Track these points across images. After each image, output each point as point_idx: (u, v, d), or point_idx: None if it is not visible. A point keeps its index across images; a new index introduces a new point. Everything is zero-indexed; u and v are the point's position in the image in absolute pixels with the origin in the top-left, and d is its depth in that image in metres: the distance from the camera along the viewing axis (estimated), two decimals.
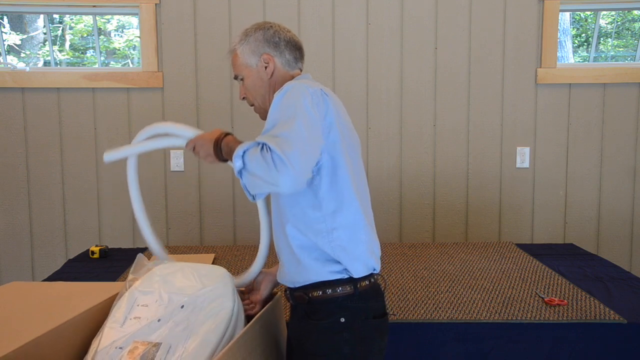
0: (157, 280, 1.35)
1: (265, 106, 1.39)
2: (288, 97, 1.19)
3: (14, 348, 1.03)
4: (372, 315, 1.27)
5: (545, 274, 2.08)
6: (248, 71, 1.38)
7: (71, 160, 2.99)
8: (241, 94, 1.43)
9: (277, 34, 1.38)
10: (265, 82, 1.38)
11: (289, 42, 1.39)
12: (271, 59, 1.37)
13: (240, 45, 1.38)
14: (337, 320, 1.24)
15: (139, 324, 1.22)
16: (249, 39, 1.38)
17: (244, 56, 1.38)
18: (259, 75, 1.38)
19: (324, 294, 1.25)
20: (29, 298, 1.37)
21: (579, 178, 3.05)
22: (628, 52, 3.84)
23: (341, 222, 1.25)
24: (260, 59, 1.37)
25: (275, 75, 1.38)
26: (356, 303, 1.25)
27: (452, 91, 2.99)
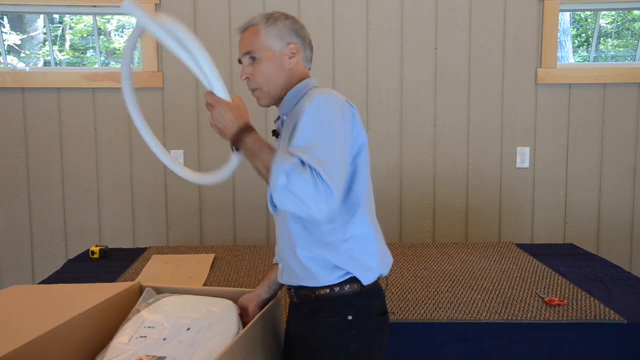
0: (165, 308, 1.36)
1: (274, 94, 1.34)
2: (321, 111, 1.16)
3: (14, 348, 1.03)
4: (375, 313, 1.28)
5: (545, 274, 2.08)
6: (268, 54, 1.31)
7: (71, 160, 2.99)
8: (245, 73, 1.34)
9: (303, 29, 1.38)
10: (285, 71, 1.32)
11: (310, 42, 1.39)
12: (299, 51, 1.33)
13: (266, 26, 1.32)
14: (344, 317, 1.24)
15: (145, 342, 1.23)
16: (277, 23, 1.33)
17: (268, 37, 1.31)
18: (280, 61, 1.32)
19: (331, 292, 1.25)
20: (29, 300, 1.37)
21: (579, 178, 3.05)
22: (628, 52, 3.84)
23: (353, 233, 1.24)
24: (286, 46, 1.32)
25: (295, 68, 1.34)
26: (362, 301, 1.26)
27: (452, 91, 2.99)
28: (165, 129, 2.98)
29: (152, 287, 1.49)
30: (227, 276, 2.09)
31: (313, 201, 1.07)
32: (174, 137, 2.98)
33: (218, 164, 3.07)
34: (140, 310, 1.37)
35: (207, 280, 2.02)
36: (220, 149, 2.99)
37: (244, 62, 1.34)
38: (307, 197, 1.07)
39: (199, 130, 2.98)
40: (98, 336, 1.30)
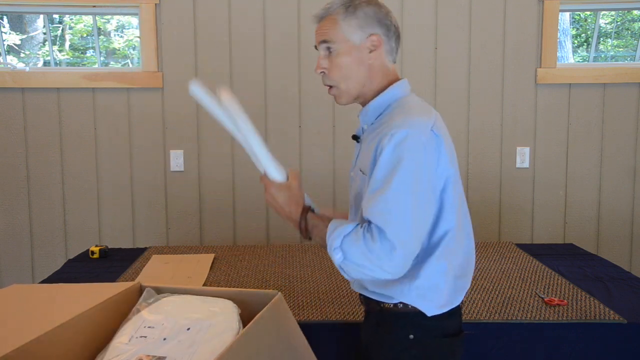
0: (165, 308, 1.36)
1: (353, 92, 1.22)
2: (401, 149, 1.06)
3: (14, 348, 1.03)
4: (443, 334, 1.20)
5: (545, 274, 2.08)
6: (346, 46, 1.18)
7: (71, 160, 2.99)
8: (319, 67, 1.21)
9: (389, 16, 1.21)
10: (366, 66, 1.19)
11: (397, 29, 1.23)
12: (381, 44, 1.19)
13: (344, 14, 1.17)
14: (406, 335, 1.18)
15: (145, 342, 1.23)
16: (357, 11, 1.17)
17: (347, 27, 1.17)
18: (359, 56, 1.18)
19: (395, 307, 1.19)
20: (29, 300, 1.37)
21: (579, 178, 3.05)
22: (628, 52, 3.84)
23: (425, 272, 1.16)
24: (367, 38, 1.18)
25: (377, 62, 1.20)
26: (428, 321, 1.18)
27: (452, 91, 2.99)
28: (165, 129, 2.98)
29: (152, 287, 1.49)
30: (227, 276, 2.09)
31: (375, 264, 1.03)
32: (174, 137, 2.98)
33: (217, 164, 3.06)
34: (141, 310, 1.37)
35: (207, 280, 2.02)
36: (220, 149, 2.98)
37: (320, 52, 1.21)
38: (366, 262, 1.03)
39: (199, 130, 2.98)
40: (98, 336, 1.30)
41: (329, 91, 1.25)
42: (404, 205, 1.04)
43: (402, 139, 1.07)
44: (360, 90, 1.22)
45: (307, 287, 1.93)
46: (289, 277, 2.07)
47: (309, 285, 1.96)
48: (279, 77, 2.95)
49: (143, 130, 2.98)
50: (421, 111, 1.15)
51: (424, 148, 1.08)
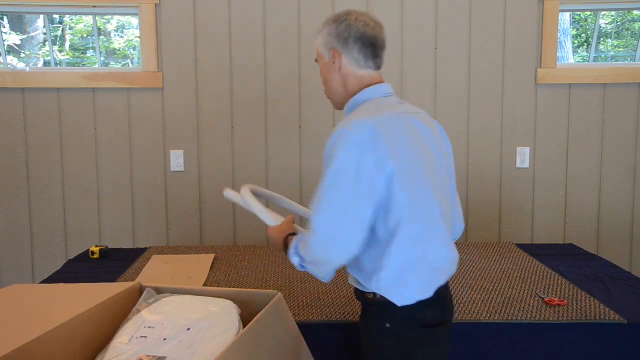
0: (165, 308, 1.36)
1: (333, 97, 1.40)
2: (334, 147, 1.19)
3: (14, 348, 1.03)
4: (421, 324, 1.24)
5: (545, 274, 2.08)
6: (322, 61, 1.39)
7: (71, 160, 2.99)
8: None
9: (348, 29, 1.32)
10: (335, 76, 1.36)
11: (359, 38, 1.32)
12: (338, 56, 1.34)
13: (318, 35, 1.38)
14: (383, 324, 1.25)
15: (145, 342, 1.23)
16: (323, 30, 1.37)
17: (320, 46, 1.38)
18: (329, 68, 1.36)
19: (374, 297, 1.26)
20: (29, 299, 1.37)
21: (579, 178, 3.05)
22: (628, 52, 3.84)
23: (387, 263, 1.20)
24: (329, 53, 1.35)
25: (343, 72, 1.35)
26: (401, 311, 1.23)
27: (452, 91, 2.99)
28: (165, 129, 2.98)
29: (152, 287, 1.49)
30: (227, 276, 2.09)
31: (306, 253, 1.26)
32: (174, 137, 2.98)
33: (217, 164, 3.06)
34: (141, 310, 1.37)
35: (207, 280, 2.02)
36: (220, 149, 2.98)
37: None
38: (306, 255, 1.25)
39: (199, 130, 2.98)
40: (98, 336, 1.30)
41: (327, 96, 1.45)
42: (328, 198, 1.18)
43: (336, 138, 1.20)
44: (341, 98, 1.38)
45: (307, 287, 1.93)
46: (289, 277, 2.07)
47: (309, 285, 1.96)
48: (279, 78, 2.95)
49: (143, 130, 2.98)
50: (370, 112, 1.24)
51: (355, 146, 1.17)
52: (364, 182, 1.17)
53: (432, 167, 1.28)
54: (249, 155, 2.98)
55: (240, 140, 2.97)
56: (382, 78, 1.39)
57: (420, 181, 1.23)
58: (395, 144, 1.20)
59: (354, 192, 1.17)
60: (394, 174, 1.18)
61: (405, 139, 1.24)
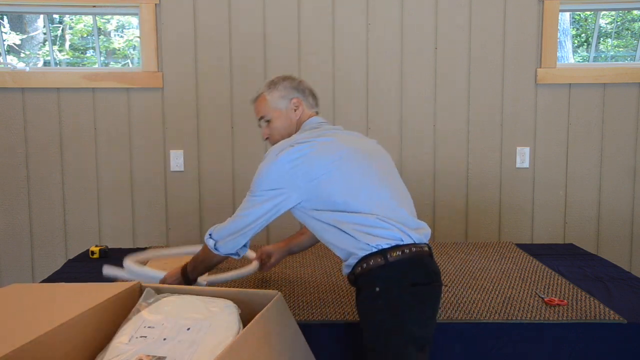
0: (165, 308, 1.36)
1: (281, 139, 1.62)
2: (262, 164, 1.51)
3: (14, 348, 1.03)
4: (408, 283, 1.38)
5: (545, 274, 2.08)
6: (277, 113, 1.64)
7: (71, 160, 2.99)
8: (265, 134, 1.67)
9: (301, 84, 1.68)
10: (293, 121, 1.65)
11: (310, 90, 1.70)
12: (300, 103, 1.65)
13: (269, 92, 1.65)
14: (373, 289, 1.38)
15: (145, 342, 1.23)
16: (277, 86, 1.65)
17: (273, 101, 1.64)
18: (287, 116, 1.64)
19: (362, 269, 1.42)
20: (29, 299, 1.37)
21: (579, 178, 3.05)
22: (628, 52, 3.84)
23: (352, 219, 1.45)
24: (290, 102, 1.64)
25: (303, 116, 1.66)
26: (388, 272, 1.39)
27: (452, 91, 2.99)
28: (165, 129, 2.98)
29: (152, 287, 1.49)
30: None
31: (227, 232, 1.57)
32: (174, 137, 2.98)
33: (217, 164, 3.06)
34: (141, 310, 1.37)
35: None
36: (220, 149, 2.99)
37: (262, 125, 1.68)
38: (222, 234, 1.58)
39: (199, 130, 2.98)
40: (98, 336, 1.30)
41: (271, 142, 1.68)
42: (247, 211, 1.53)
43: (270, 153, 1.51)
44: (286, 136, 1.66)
45: (307, 287, 1.93)
46: (289, 277, 2.07)
47: (309, 285, 1.96)
48: None
49: (143, 130, 2.98)
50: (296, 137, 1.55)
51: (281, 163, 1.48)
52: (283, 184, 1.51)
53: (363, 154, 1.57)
54: (249, 155, 2.98)
55: (240, 140, 2.97)
56: None
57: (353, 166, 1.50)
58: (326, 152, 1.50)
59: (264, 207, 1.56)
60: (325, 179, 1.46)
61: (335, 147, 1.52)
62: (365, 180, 1.50)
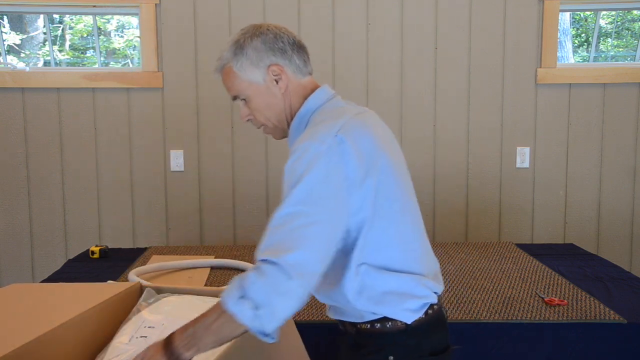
0: (165, 308, 1.36)
1: (283, 125, 1.20)
2: (299, 164, 1.00)
3: (14, 348, 1.03)
4: (428, 352, 1.12)
5: (545, 274, 2.08)
6: (253, 89, 1.16)
7: (71, 160, 2.99)
8: (244, 116, 1.22)
9: (279, 38, 1.15)
10: (279, 97, 1.16)
11: (294, 44, 1.17)
12: (282, 70, 1.15)
13: (235, 60, 1.15)
14: (385, 357, 1.10)
15: (145, 342, 1.22)
16: (246, 50, 1.14)
17: (244, 72, 1.15)
18: (269, 91, 1.16)
19: (372, 328, 1.10)
20: (29, 299, 1.37)
21: (579, 178, 3.05)
22: (628, 52, 3.84)
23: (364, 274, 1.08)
24: (267, 71, 1.15)
25: (289, 88, 1.17)
26: (408, 339, 1.10)
27: (452, 91, 2.99)
28: (165, 129, 2.98)
29: (152, 287, 1.49)
30: (228, 276, 2.09)
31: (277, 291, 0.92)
32: (174, 137, 2.98)
33: (217, 164, 3.06)
34: (141, 310, 1.37)
35: (207, 280, 2.02)
36: (220, 149, 2.98)
37: (239, 104, 1.22)
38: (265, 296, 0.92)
39: (199, 130, 2.98)
40: (98, 336, 1.30)
41: (264, 131, 1.24)
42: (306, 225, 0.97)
43: (302, 150, 1.02)
44: (285, 122, 1.20)
45: None
46: None
47: None
48: None
49: (143, 130, 2.98)
50: (327, 120, 1.09)
51: (324, 154, 1.00)
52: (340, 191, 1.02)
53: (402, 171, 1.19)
54: (249, 155, 2.98)
55: (240, 140, 2.97)
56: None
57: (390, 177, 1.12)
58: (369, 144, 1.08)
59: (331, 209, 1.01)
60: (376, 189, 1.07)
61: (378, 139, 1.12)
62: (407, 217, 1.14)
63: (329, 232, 0.98)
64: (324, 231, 0.97)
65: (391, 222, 1.10)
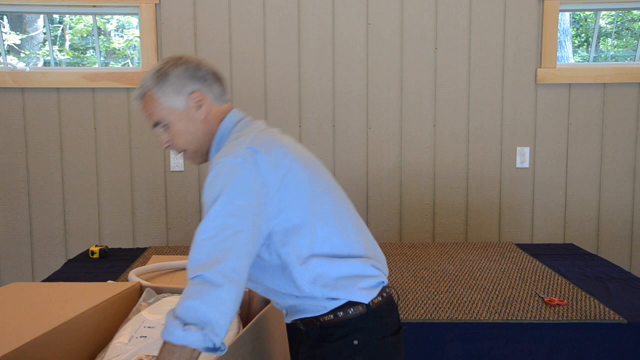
0: (165, 308, 1.36)
1: (203, 150, 1.26)
2: (218, 179, 1.06)
3: (14, 348, 1.03)
4: (389, 333, 1.19)
5: (545, 274, 2.08)
6: (175, 115, 1.21)
7: (71, 160, 2.99)
8: (163, 142, 1.25)
9: (200, 67, 1.23)
10: (200, 123, 1.22)
11: (214, 74, 1.25)
12: (204, 97, 1.21)
13: (157, 87, 1.20)
14: (350, 342, 1.15)
15: (145, 342, 1.22)
16: (168, 77, 1.20)
17: (166, 98, 1.20)
18: (190, 117, 1.21)
19: (335, 318, 1.15)
20: (29, 299, 1.37)
21: (579, 178, 3.05)
22: (628, 52, 3.84)
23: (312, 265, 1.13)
24: (189, 98, 1.20)
25: (210, 114, 1.22)
26: (370, 322, 1.16)
27: (452, 91, 2.99)
28: None
29: (152, 287, 1.49)
30: None
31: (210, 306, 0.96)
32: None
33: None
34: (141, 310, 1.37)
35: None
36: None
37: (158, 131, 1.24)
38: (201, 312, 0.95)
39: None
40: (98, 336, 1.30)
41: (184, 157, 1.29)
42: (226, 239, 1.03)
43: (218, 167, 1.08)
44: (207, 144, 1.25)
45: None
46: None
47: None
48: (279, 77, 2.95)
49: (143, 130, 2.98)
50: (240, 137, 1.16)
51: (239, 168, 1.07)
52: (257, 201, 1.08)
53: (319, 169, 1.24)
54: None
55: None
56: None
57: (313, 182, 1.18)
58: (274, 165, 1.12)
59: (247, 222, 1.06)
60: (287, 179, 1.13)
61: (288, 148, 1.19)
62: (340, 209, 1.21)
63: (252, 239, 1.05)
64: (248, 239, 1.04)
65: (327, 214, 1.17)
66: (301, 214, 1.13)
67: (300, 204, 1.13)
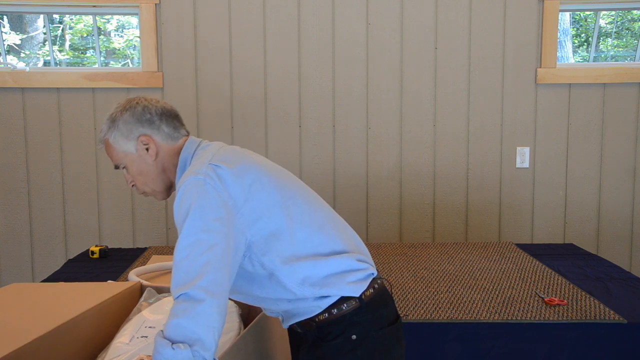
0: (166, 308, 1.36)
1: (161, 188, 1.30)
2: (185, 198, 1.09)
3: (14, 348, 1.03)
4: (386, 324, 1.20)
5: (545, 274, 2.08)
6: (129, 158, 1.27)
7: (71, 160, 2.99)
8: (128, 181, 1.31)
9: (147, 110, 1.27)
10: (152, 164, 1.26)
11: (162, 114, 1.28)
12: (150, 140, 1.25)
13: (110, 133, 1.26)
14: (348, 338, 1.16)
15: (146, 342, 1.22)
16: (117, 124, 1.26)
17: (118, 144, 1.26)
18: (142, 160, 1.26)
19: (330, 316, 1.16)
20: (29, 299, 1.37)
21: (579, 178, 3.05)
22: (628, 52, 3.84)
23: (298, 267, 1.14)
24: (137, 142, 1.25)
25: (160, 154, 1.26)
26: (365, 315, 1.17)
27: (452, 91, 2.99)
28: None
29: (152, 287, 1.49)
30: None
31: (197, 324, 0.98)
32: None
33: None
34: (142, 310, 1.37)
35: None
36: None
37: (123, 171, 1.31)
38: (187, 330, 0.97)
39: (199, 130, 2.98)
40: (99, 336, 1.30)
41: (145, 195, 1.33)
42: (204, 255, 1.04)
43: (182, 190, 1.11)
44: (165, 182, 1.30)
45: None
46: None
47: None
48: (279, 77, 2.95)
49: None
50: (200, 158, 1.19)
51: (203, 190, 1.09)
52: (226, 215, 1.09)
53: (286, 175, 1.26)
54: None
55: (240, 140, 2.97)
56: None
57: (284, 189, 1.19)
58: (238, 180, 1.14)
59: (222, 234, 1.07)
60: (253, 189, 1.13)
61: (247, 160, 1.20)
62: (315, 208, 1.23)
63: (228, 250, 1.06)
64: (224, 251, 1.05)
65: (303, 215, 1.18)
66: (277, 219, 1.14)
67: (273, 211, 1.14)
